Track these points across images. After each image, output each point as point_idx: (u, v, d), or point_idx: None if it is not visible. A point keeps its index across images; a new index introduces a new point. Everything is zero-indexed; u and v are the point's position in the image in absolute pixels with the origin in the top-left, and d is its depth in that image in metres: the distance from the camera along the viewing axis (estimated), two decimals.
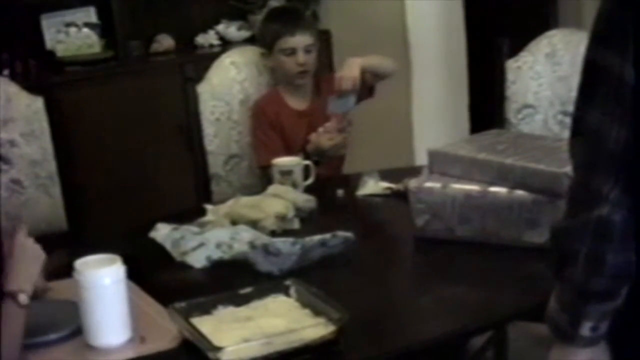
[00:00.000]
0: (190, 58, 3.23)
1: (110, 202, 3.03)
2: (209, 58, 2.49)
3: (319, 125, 2.23)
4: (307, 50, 2.24)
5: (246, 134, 2.40)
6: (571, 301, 1.03)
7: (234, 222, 1.82)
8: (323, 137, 2.15)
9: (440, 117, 3.20)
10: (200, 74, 2.37)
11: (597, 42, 0.96)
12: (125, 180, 3.09)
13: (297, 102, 2.34)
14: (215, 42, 3.45)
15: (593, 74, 0.96)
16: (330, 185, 2.11)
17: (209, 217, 1.84)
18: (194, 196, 2.37)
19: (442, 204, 1.71)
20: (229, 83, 2.40)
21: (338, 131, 2.18)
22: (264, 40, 2.33)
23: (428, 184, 1.75)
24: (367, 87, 2.26)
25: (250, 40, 3.24)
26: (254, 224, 1.79)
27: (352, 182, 2.13)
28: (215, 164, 2.39)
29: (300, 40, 2.24)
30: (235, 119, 2.42)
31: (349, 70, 2.16)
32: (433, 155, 1.82)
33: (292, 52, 2.24)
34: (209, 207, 1.89)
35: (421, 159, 2.09)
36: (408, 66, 3.12)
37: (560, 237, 1.03)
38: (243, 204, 1.87)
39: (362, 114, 2.34)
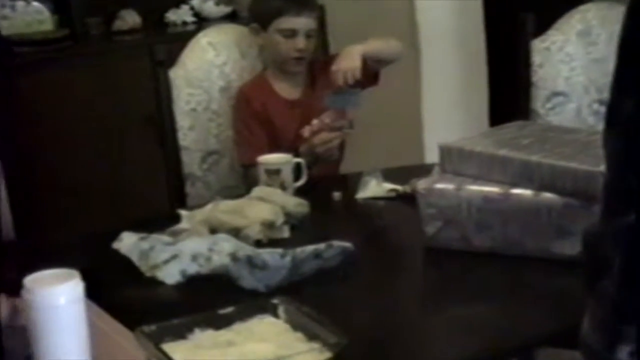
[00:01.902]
0: (160, 38, 3.27)
1: (67, 206, 3.03)
2: (182, 38, 2.49)
3: (313, 118, 2.24)
4: (309, 35, 2.26)
5: (227, 126, 2.40)
6: (606, 320, 1.00)
7: (213, 230, 1.82)
8: (315, 137, 2.15)
9: (454, 107, 3.16)
10: (172, 56, 2.37)
11: (634, 17, 0.95)
12: (85, 181, 3.09)
13: (288, 91, 2.35)
14: (190, 19, 3.46)
15: (630, 55, 0.95)
16: (325, 187, 2.12)
17: (183, 224, 1.84)
18: (165, 200, 2.40)
19: (457, 208, 1.72)
20: (207, 67, 2.40)
21: (332, 129, 2.17)
22: (260, 14, 2.33)
23: (440, 185, 1.75)
24: (370, 74, 2.27)
25: (231, 17, 3.31)
26: (236, 233, 1.79)
27: (351, 182, 2.14)
28: (191, 162, 2.39)
29: (305, 23, 2.25)
30: (214, 110, 2.41)
31: (349, 61, 2.15)
32: (445, 152, 1.82)
33: (292, 34, 2.25)
34: (183, 212, 1.89)
35: (432, 156, 2.10)
36: (416, 48, 3.11)
37: (593, 244, 1.01)
38: (223, 209, 1.87)
39: (363, 104, 2.30)
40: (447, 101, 3.17)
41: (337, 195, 2.08)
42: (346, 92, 2.16)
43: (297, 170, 2.10)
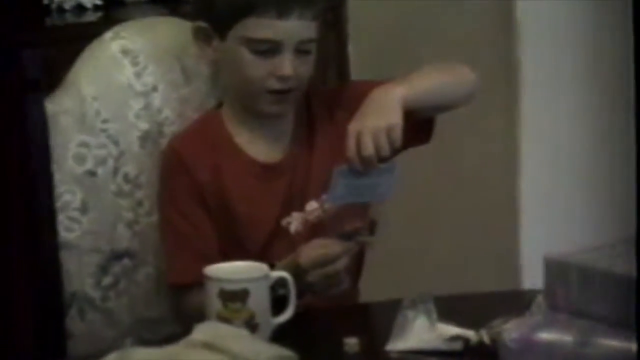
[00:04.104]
0: (32, 37, 2.85)
1: None
2: (72, 38, 2.37)
3: (307, 196, 2.10)
4: (301, 51, 2.08)
5: (151, 207, 2.18)
6: None
7: None
8: (309, 249, 1.98)
9: (578, 185, 2.97)
10: (53, 74, 2.15)
11: None
12: None
13: (261, 147, 2.16)
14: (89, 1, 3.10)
15: None
16: (330, 327, 1.97)
17: None
18: (28, 343, 2.22)
19: None
20: (118, 97, 2.18)
21: (340, 238, 1.98)
22: (214, 8, 2.17)
23: (547, 335, 1.60)
24: (415, 127, 2.08)
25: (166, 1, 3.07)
26: None
27: (377, 320, 2.06)
28: (79, 273, 2.15)
29: (294, 30, 2.08)
30: (129, 175, 2.18)
31: (381, 115, 2.00)
32: (557, 270, 1.65)
33: (272, 50, 2.05)
34: None
35: (532, 276, 2.22)
36: (513, 85, 2.92)
37: None
38: None
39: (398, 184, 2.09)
40: (564, 174, 3.01)
41: (351, 343, 1.84)
42: (372, 172, 1.99)
43: (277, 295, 1.91)
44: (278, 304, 1.88)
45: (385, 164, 2.01)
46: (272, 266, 1.98)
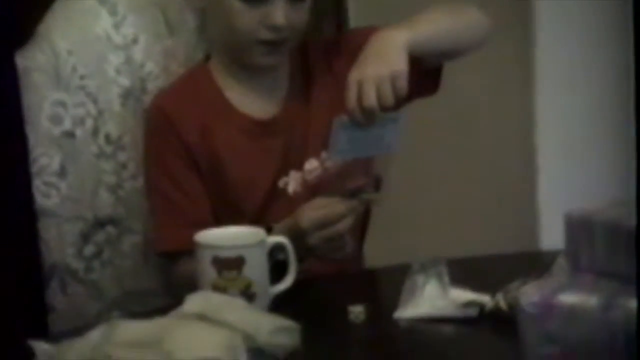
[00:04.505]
0: None
1: None
2: None
3: (306, 154, 2.11)
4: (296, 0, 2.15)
5: (136, 169, 2.18)
6: None
7: None
8: (309, 208, 1.98)
9: (596, 136, 3.03)
10: (24, 26, 2.13)
11: None
12: None
13: (254, 102, 2.16)
14: None
15: None
16: (333, 295, 1.99)
17: None
18: (8, 318, 2.12)
19: (606, 344, 1.50)
20: (96, 50, 2.17)
21: (343, 196, 1.97)
22: None
23: (569, 298, 1.54)
24: (422, 76, 2.07)
25: None
26: None
27: (385, 286, 2.11)
28: (59, 242, 2.15)
29: None
30: (111, 136, 2.18)
31: (384, 62, 1.98)
32: (578, 228, 1.61)
33: None
34: (41, 347, 1.71)
35: (551, 237, 2.28)
36: (528, 30, 2.92)
37: None
38: (124, 340, 1.69)
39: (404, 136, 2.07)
40: (583, 125, 3.05)
41: (357, 312, 1.85)
42: (376, 122, 1.98)
43: (276, 260, 1.91)
44: (276, 271, 1.87)
45: (390, 113, 1.98)
46: (269, 229, 1.98)
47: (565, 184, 3.01)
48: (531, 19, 3.02)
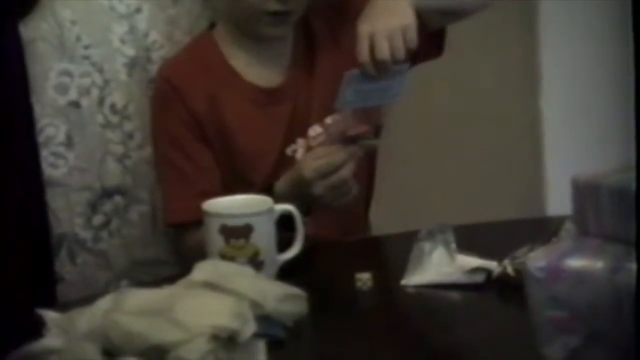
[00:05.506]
0: None
1: None
2: None
3: (310, 121, 2.12)
4: None
5: (143, 139, 2.19)
6: None
7: (110, 354, 1.62)
8: (312, 159, 1.99)
9: (602, 98, 3.00)
10: None
11: None
12: None
13: (260, 71, 2.16)
14: None
15: None
16: (339, 262, 2.00)
17: (49, 340, 1.65)
18: (14, 288, 2.12)
19: (613, 309, 1.49)
20: (99, 20, 2.17)
21: (344, 142, 1.98)
22: None
23: (575, 262, 1.53)
24: (425, 37, 2.06)
25: None
26: (159, 356, 1.60)
27: (392, 253, 2.12)
28: (67, 212, 2.16)
29: None
30: (116, 105, 2.17)
31: (391, 16, 1.99)
32: (585, 192, 1.59)
33: None
34: (50, 316, 1.70)
35: (558, 203, 2.28)
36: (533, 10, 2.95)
37: None
38: (133, 308, 1.69)
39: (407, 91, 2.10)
40: (588, 89, 3.05)
41: (364, 279, 1.85)
42: (377, 77, 2.00)
43: (285, 229, 1.90)
44: (284, 237, 1.89)
45: (399, 66, 2.00)
46: (271, 187, 2.01)
47: (572, 149, 3.00)
48: None
